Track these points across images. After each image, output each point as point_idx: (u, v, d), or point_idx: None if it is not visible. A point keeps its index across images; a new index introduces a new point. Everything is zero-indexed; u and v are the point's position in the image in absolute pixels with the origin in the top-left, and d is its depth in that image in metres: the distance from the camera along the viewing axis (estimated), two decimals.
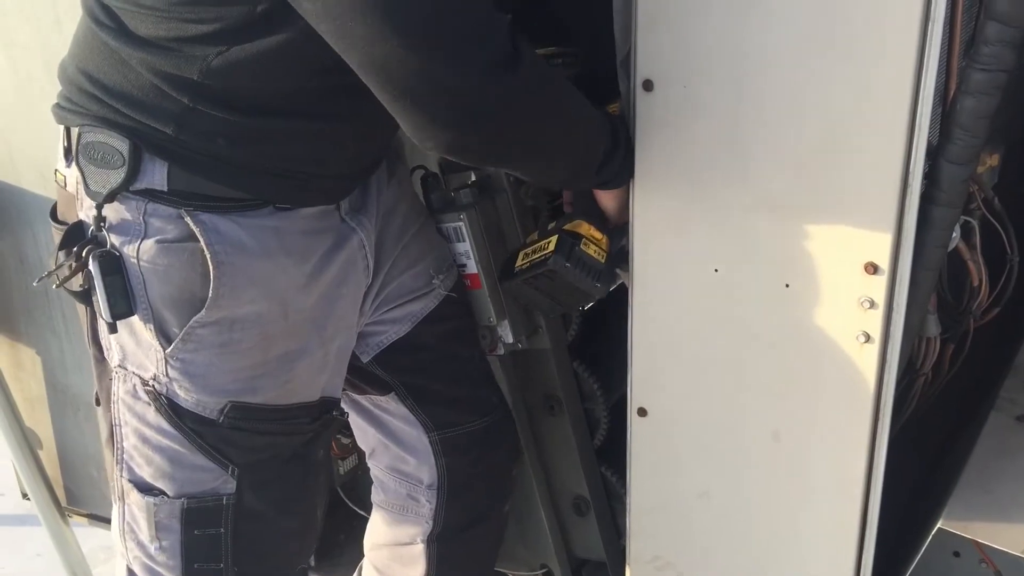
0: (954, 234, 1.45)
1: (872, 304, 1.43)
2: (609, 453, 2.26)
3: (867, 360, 1.47)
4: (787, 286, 1.50)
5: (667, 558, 1.85)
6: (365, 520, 2.66)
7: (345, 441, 2.53)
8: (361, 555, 2.60)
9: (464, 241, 1.94)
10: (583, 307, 2.03)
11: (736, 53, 1.42)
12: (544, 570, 2.40)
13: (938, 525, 1.60)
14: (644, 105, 1.52)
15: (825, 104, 1.38)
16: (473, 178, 2.04)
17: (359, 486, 2.57)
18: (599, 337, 2.20)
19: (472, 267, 1.96)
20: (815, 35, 1.36)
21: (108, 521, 1.77)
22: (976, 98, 1.30)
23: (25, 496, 2.81)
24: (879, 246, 1.40)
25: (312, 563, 2.58)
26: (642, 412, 1.74)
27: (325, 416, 1.64)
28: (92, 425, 2.63)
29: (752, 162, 1.47)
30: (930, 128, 1.34)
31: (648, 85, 1.50)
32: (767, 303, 1.53)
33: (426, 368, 1.83)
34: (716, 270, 1.56)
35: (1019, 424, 1.81)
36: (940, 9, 1.26)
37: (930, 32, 1.27)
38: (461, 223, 1.93)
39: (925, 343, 1.62)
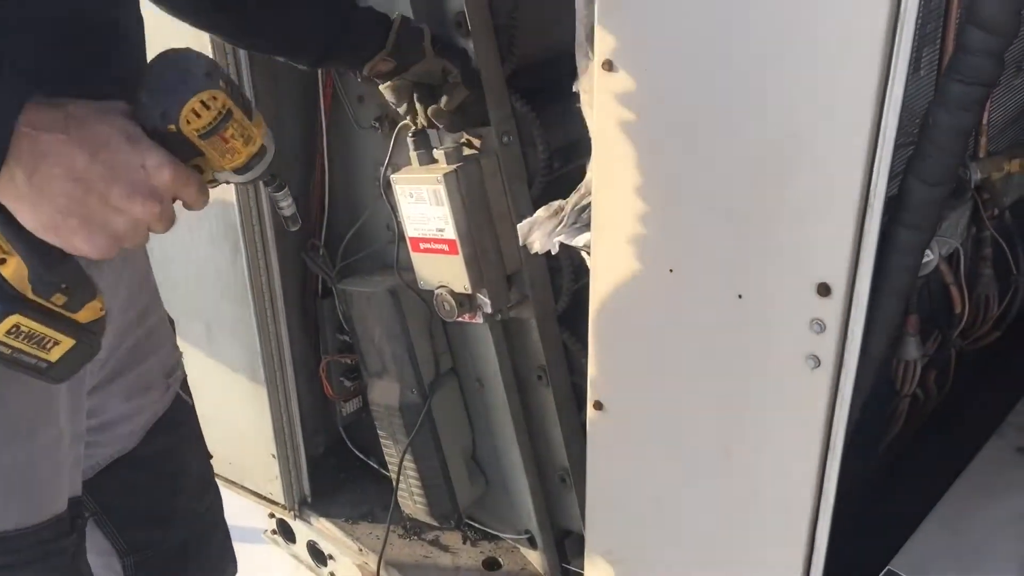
0: (929, 257, 1.30)
1: (823, 327, 1.30)
2: None
3: (817, 385, 1.34)
4: (740, 296, 1.38)
5: (619, 553, 1.78)
6: (365, 463, 2.68)
7: (348, 384, 2.53)
8: (359, 498, 2.63)
9: (443, 205, 1.86)
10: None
11: (702, 41, 1.28)
12: (528, 535, 2.37)
13: (888, 567, 1.47)
14: (604, 84, 1.40)
15: (788, 106, 1.24)
16: (464, 138, 1.96)
17: (362, 428, 2.58)
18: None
19: (450, 232, 1.88)
20: (782, 31, 1.21)
21: None
22: (952, 113, 1.13)
23: None
24: (833, 266, 1.26)
25: (309, 500, 2.62)
26: (598, 406, 1.65)
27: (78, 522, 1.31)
28: None
29: (709, 160, 1.34)
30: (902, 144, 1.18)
31: (609, 65, 1.38)
32: (720, 313, 1.41)
33: (140, 487, 1.52)
34: (671, 270, 1.45)
35: (1019, 456, 1.64)
36: (911, 12, 1.09)
37: (899, 37, 1.11)
38: (439, 186, 1.85)
39: (903, 366, 1.47)
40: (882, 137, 1.17)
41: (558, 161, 1.98)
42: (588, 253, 1.63)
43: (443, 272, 1.93)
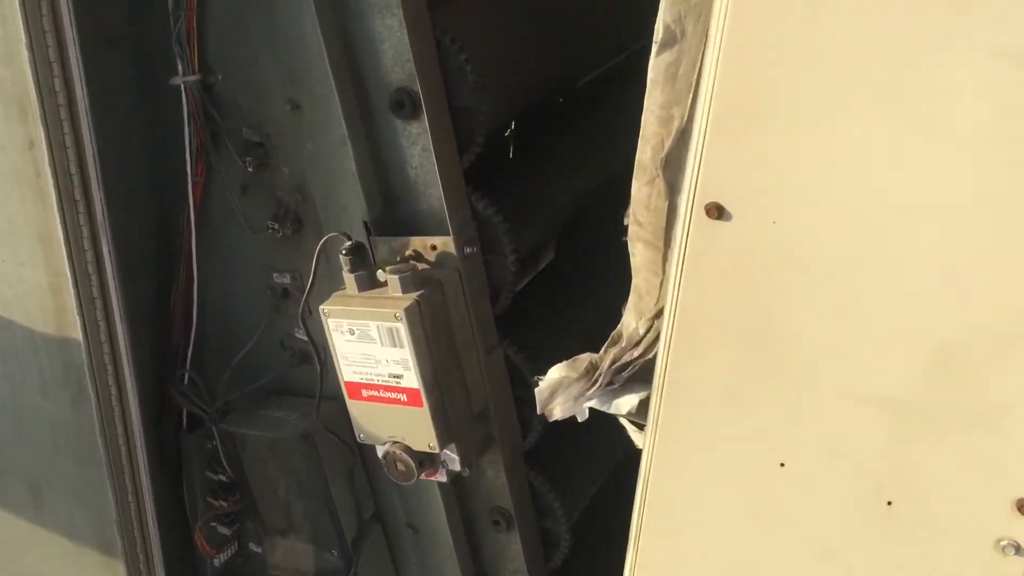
0: None
1: (1018, 550, 1.00)
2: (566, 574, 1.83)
3: None
4: (889, 504, 1.06)
5: None
6: None
7: (223, 531, 2.00)
8: None
9: (402, 347, 1.42)
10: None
11: (866, 199, 0.94)
12: None
13: None
14: (706, 234, 1.03)
15: (1005, 280, 0.93)
16: (411, 249, 1.51)
17: None
18: (560, 444, 1.73)
19: (412, 379, 1.44)
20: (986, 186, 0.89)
21: None
22: None
23: None
24: None
25: None
26: None
27: None
28: None
29: (866, 338, 1.00)
30: None
31: (718, 211, 1.01)
32: (855, 523, 1.09)
33: None
34: (782, 464, 1.11)
35: None
36: None
37: None
38: (399, 324, 1.40)
39: None
40: None
41: (528, 269, 1.58)
42: (633, 423, 1.26)
43: (398, 426, 1.48)
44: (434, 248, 1.49)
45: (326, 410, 1.68)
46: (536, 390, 1.28)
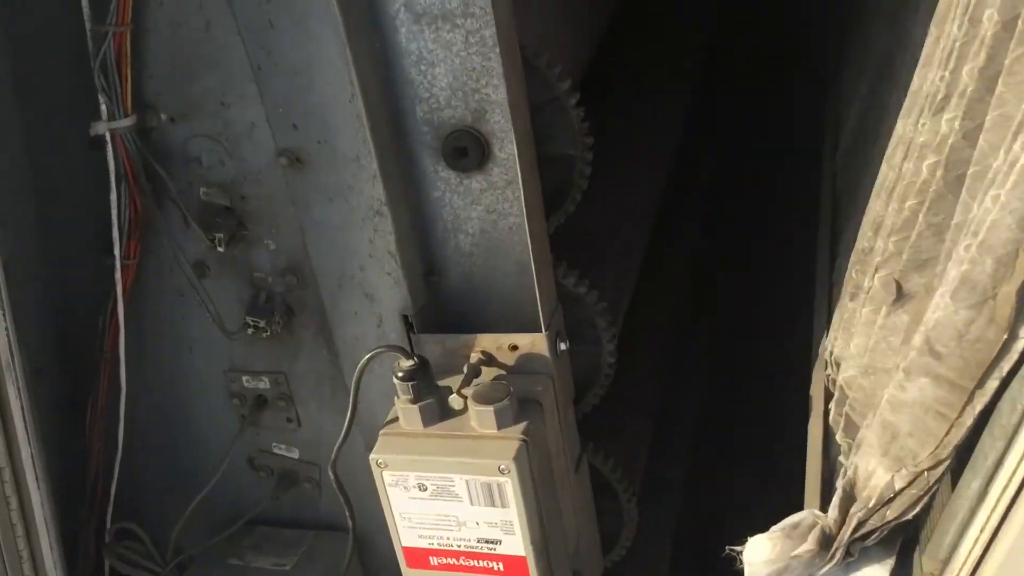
0: None
1: None
2: None
3: None
4: None
5: None
6: None
7: None
8: None
9: (506, 507, 1.00)
10: None
11: None
12: None
13: None
14: None
15: None
16: (477, 350, 1.08)
17: None
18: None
19: (515, 545, 1.03)
20: None
21: None
22: None
23: None
24: None
25: None
26: None
27: None
28: None
29: None
30: None
31: None
32: None
33: None
34: None
35: None
36: None
37: None
38: (505, 478, 0.98)
39: None
40: None
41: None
42: None
43: None
44: (514, 348, 1.07)
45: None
46: (748, 567, 0.91)
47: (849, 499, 0.91)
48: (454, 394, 1.03)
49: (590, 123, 1.01)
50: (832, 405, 1.07)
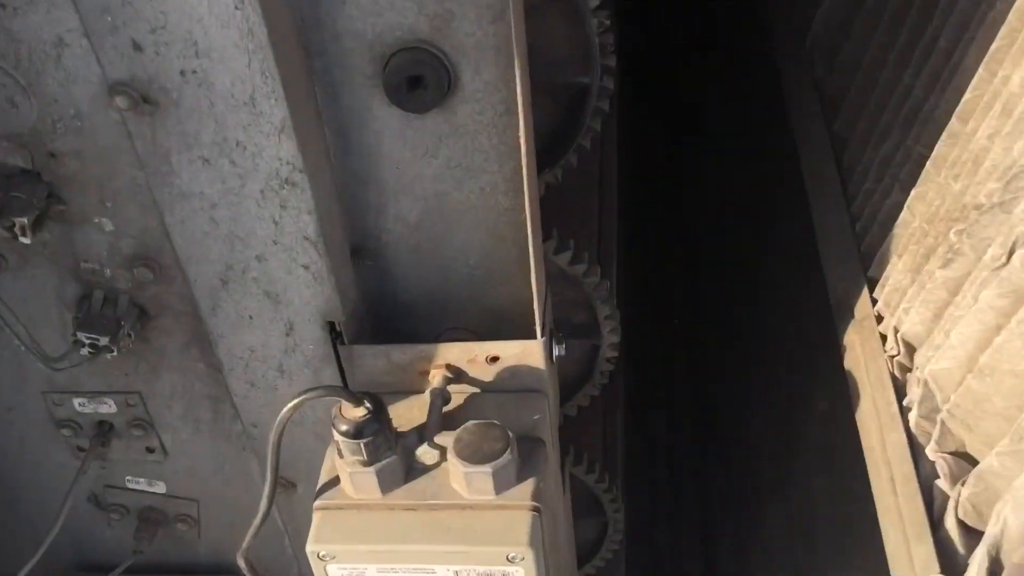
0: None
1: None
2: None
3: None
4: None
5: None
6: None
7: None
8: None
9: None
10: None
11: None
12: None
13: None
14: None
15: None
16: (437, 363, 0.75)
17: None
18: None
19: None
20: None
21: None
22: None
23: None
24: None
25: None
26: None
27: None
28: None
29: None
30: None
31: None
32: None
33: None
34: None
35: None
36: None
37: None
38: (517, 568, 0.68)
39: None
40: None
41: None
42: None
43: None
44: (494, 360, 0.74)
45: None
46: None
47: (996, 566, 0.67)
48: (423, 445, 0.70)
49: (614, 35, 0.66)
50: (913, 404, 0.82)
